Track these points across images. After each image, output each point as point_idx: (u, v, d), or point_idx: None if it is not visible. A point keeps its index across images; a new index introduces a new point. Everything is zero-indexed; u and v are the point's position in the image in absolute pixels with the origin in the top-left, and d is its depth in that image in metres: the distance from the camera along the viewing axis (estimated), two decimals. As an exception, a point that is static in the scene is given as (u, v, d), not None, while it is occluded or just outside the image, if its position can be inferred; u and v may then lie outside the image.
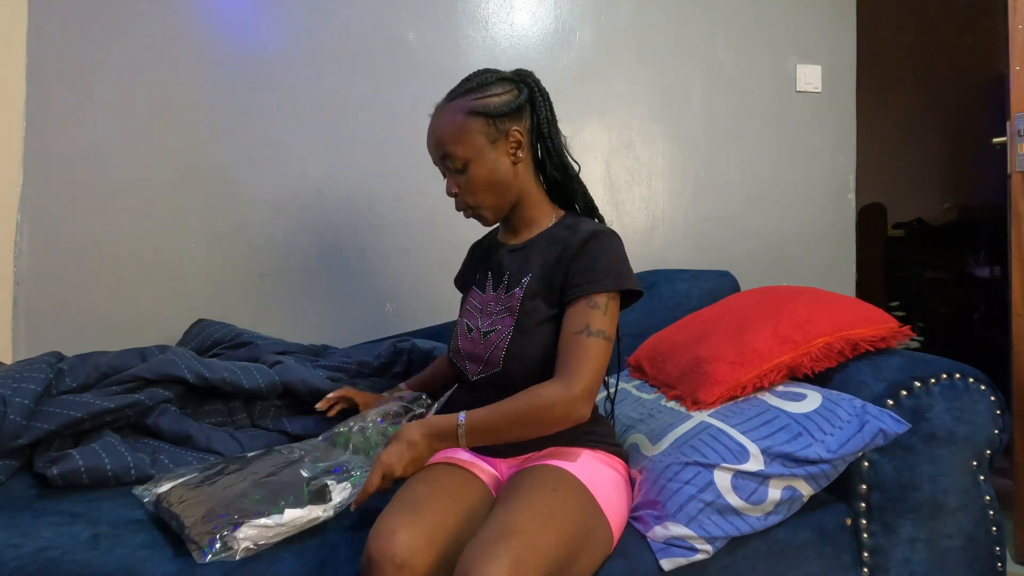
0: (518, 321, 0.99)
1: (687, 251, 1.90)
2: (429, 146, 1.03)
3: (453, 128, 0.99)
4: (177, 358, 1.23)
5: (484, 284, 1.10)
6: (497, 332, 1.01)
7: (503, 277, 1.06)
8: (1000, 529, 1.07)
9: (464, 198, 1.02)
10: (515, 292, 1.02)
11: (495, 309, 1.04)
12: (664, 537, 0.90)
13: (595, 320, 0.92)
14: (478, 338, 1.03)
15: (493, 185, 1.01)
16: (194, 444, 1.16)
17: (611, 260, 0.96)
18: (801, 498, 0.96)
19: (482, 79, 1.02)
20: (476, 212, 1.04)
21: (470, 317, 1.08)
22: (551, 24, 1.83)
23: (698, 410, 1.08)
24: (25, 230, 1.60)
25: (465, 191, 1.01)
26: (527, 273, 1.02)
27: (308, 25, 1.72)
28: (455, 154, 0.99)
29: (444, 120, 1.01)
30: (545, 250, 1.02)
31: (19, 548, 0.84)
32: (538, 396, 0.90)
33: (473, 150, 0.99)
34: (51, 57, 1.61)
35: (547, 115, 1.04)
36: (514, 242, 1.09)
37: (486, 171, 1.00)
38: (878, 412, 0.99)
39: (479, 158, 0.99)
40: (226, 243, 1.68)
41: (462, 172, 1.00)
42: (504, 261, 1.07)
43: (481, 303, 1.08)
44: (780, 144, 1.95)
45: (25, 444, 1.05)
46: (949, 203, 3.36)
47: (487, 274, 1.10)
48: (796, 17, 1.95)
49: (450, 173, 1.02)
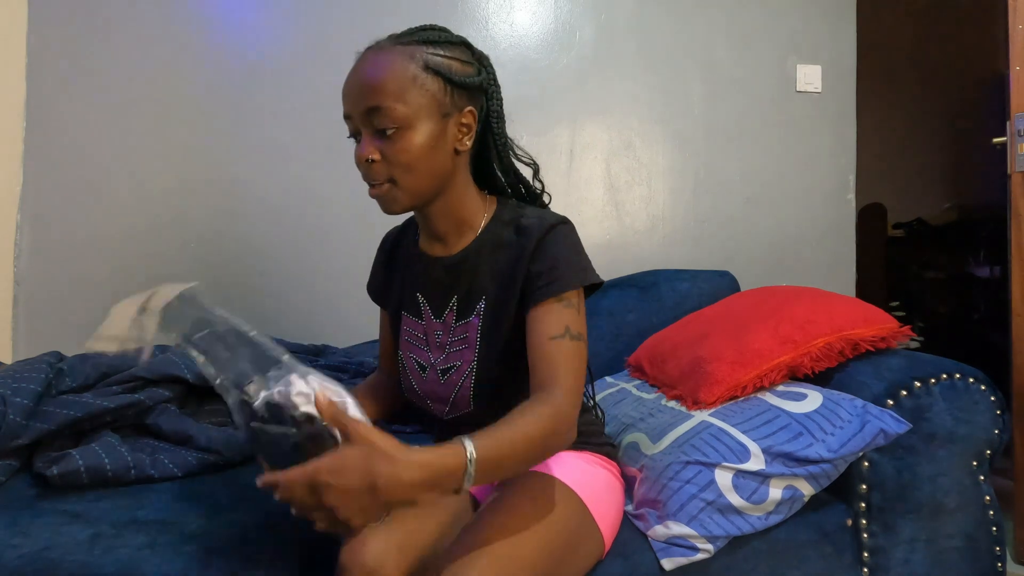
0: (481, 355, 0.85)
1: (687, 251, 1.90)
2: (350, 93, 0.80)
3: (399, 77, 0.78)
4: (177, 358, 1.23)
5: (419, 310, 0.92)
6: (457, 369, 0.87)
7: (448, 302, 0.88)
8: (1000, 529, 1.07)
9: (385, 169, 0.79)
10: (470, 321, 0.87)
11: (445, 340, 0.88)
12: (665, 536, 0.90)
13: (573, 320, 0.80)
14: (435, 377, 0.89)
15: (427, 165, 0.80)
16: (194, 444, 1.15)
17: (573, 252, 0.84)
18: (802, 498, 0.96)
19: (443, 34, 0.84)
20: (389, 193, 0.80)
21: (415, 351, 0.91)
22: (551, 24, 1.83)
23: (699, 410, 1.08)
24: (25, 230, 1.59)
25: (391, 160, 0.79)
26: (479, 294, 0.86)
27: (308, 25, 1.72)
28: (392, 110, 0.77)
29: (387, 64, 0.78)
30: (491, 259, 0.86)
31: (19, 548, 0.84)
32: (544, 415, 0.72)
33: (418, 112, 0.78)
34: (51, 57, 1.61)
35: (498, 109, 0.88)
36: (446, 253, 0.89)
37: (425, 144, 0.79)
38: (879, 412, 0.99)
39: (421, 125, 0.78)
40: (226, 243, 1.68)
41: (388, 136, 0.78)
42: (442, 281, 0.89)
43: (425, 333, 0.91)
44: (780, 144, 1.95)
45: (25, 444, 1.05)
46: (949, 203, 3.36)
47: (419, 296, 0.91)
48: (796, 17, 1.95)
49: (370, 134, 0.79)
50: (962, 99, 3.39)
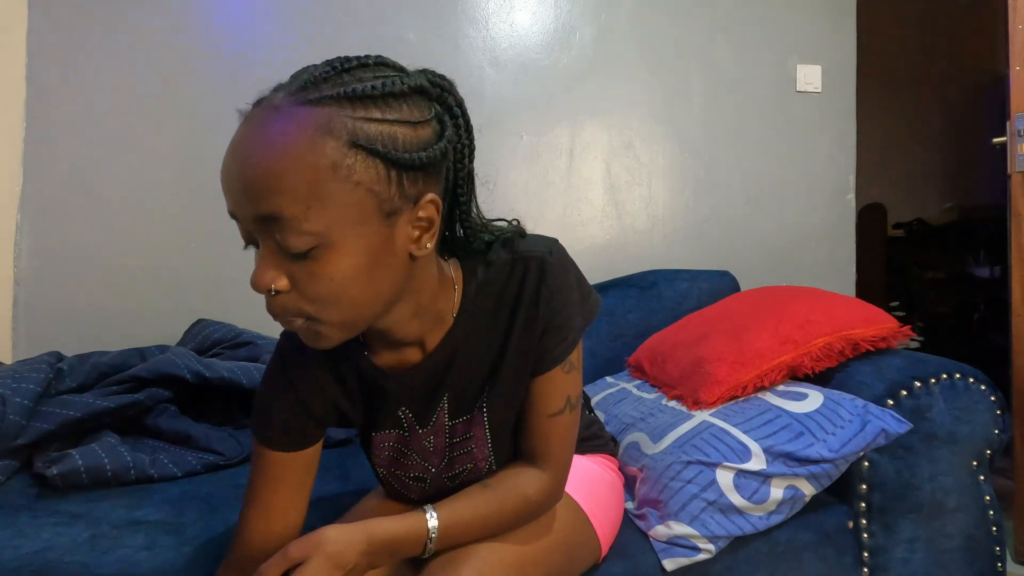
0: (496, 445, 0.74)
1: (687, 251, 1.90)
2: (231, 186, 0.54)
3: (308, 167, 0.50)
4: (177, 358, 1.23)
5: (399, 421, 0.73)
6: (472, 470, 0.75)
7: (436, 406, 0.71)
8: (1000, 529, 1.07)
9: (297, 303, 0.55)
10: (474, 416, 0.72)
11: (441, 444, 0.74)
12: (666, 536, 0.90)
13: (574, 386, 0.72)
14: (442, 483, 0.76)
15: (362, 292, 0.56)
16: (194, 444, 1.16)
17: (573, 295, 0.70)
18: (803, 498, 0.96)
19: (382, 79, 0.54)
20: (309, 330, 0.57)
21: (403, 468, 0.76)
22: (551, 24, 1.83)
23: (699, 410, 1.08)
24: (25, 230, 1.59)
25: (304, 291, 0.54)
26: (477, 383, 0.71)
27: (308, 25, 1.72)
28: (298, 223, 0.51)
29: (288, 147, 0.50)
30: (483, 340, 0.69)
31: (18, 549, 0.84)
32: (524, 495, 0.69)
33: (342, 220, 0.52)
34: (51, 57, 1.61)
35: (468, 170, 0.63)
36: (422, 356, 0.69)
37: (357, 266, 0.54)
38: (880, 412, 0.99)
39: (348, 240, 0.53)
40: (226, 243, 1.68)
41: (302, 257, 0.53)
42: (427, 385, 0.70)
43: (409, 447, 0.75)
44: (780, 144, 1.95)
45: (25, 444, 1.05)
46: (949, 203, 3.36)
47: (398, 412, 0.72)
48: (796, 17, 1.95)
49: (271, 248, 0.53)
50: (962, 99, 3.39)
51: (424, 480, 0.77)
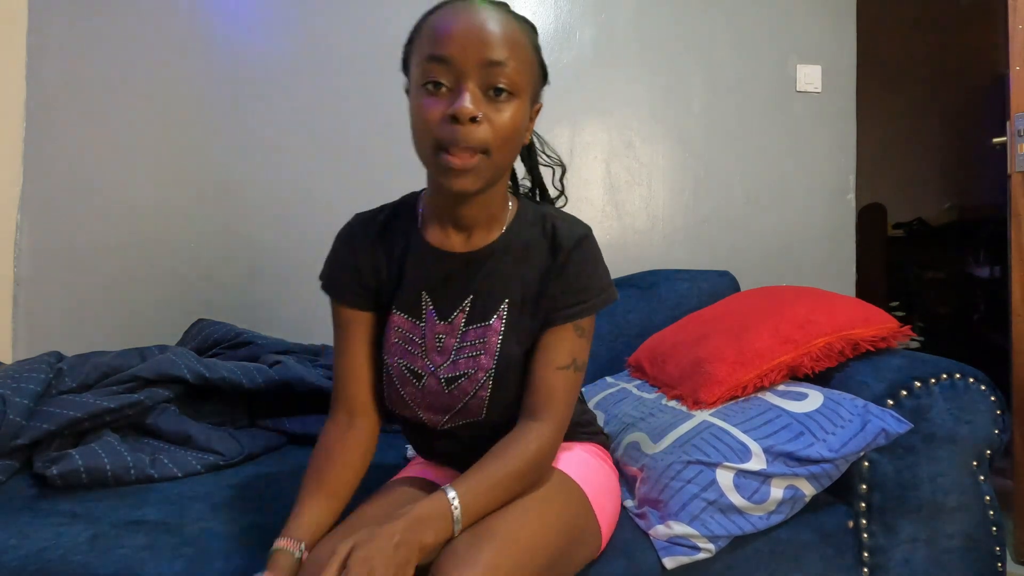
0: (501, 362, 0.79)
1: (687, 251, 1.90)
2: (469, 37, 0.69)
3: (525, 44, 0.73)
4: (177, 358, 1.23)
5: (420, 310, 0.81)
6: (469, 378, 0.80)
7: (460, 303, 0.80)
8: (1000, 529, 1.07)
9: (486, 134, 0.69)
10: (489, 324, 0.80)
11: (450, 344, 0.80)
12: (667, 536, 0.90)
13: (581, 351, 0.80)
14: (437, 387, 0.81)
15: (516, 144, 0.74)
16: (194, 444, 1.16)
17: (598, 272, 0.81)
18: (803, 498, 0.96)
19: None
20: (478, 165, 0.71)
21: (405, 357, 0.82)
22: (551, 24, 1.83)
23: (699, 410, 1.08)
24: (25, 230, 1.60)
25: (495, 126, 0.70)
26: (501, 296, 0.80)
27: (307, 25, 1.72)
28: (515, 72, 0.70)
29: (516, 26, 0.72)
30: (518, 261, 0.81)
31: (18, 549, 0.84)
32: (529, 451, 0.75)
33: (526, 86, 0.73)
34: (51, 57, 1.61)
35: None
36: (466, 248, 0.81)
37: (523, 121, 0.73)
38: (880, 412, 0.99)
39: (524, 101, 0.73)
40: (226, 243, 1.68)
41: (499, 100, 0.70)
42: (456, 278, 0.80)
43: (422, 337, 0.81)
44: (780, 144, 1.95)
45: (25, 444, 1.04)
46: (949, 203, 3.36)
47: (423, 295, 0.81)
48: (796, 17, 1.95)
49: (478, 91, 0.69)
50: (962, 99, 3.39)
51: (419, 377, 0.81)
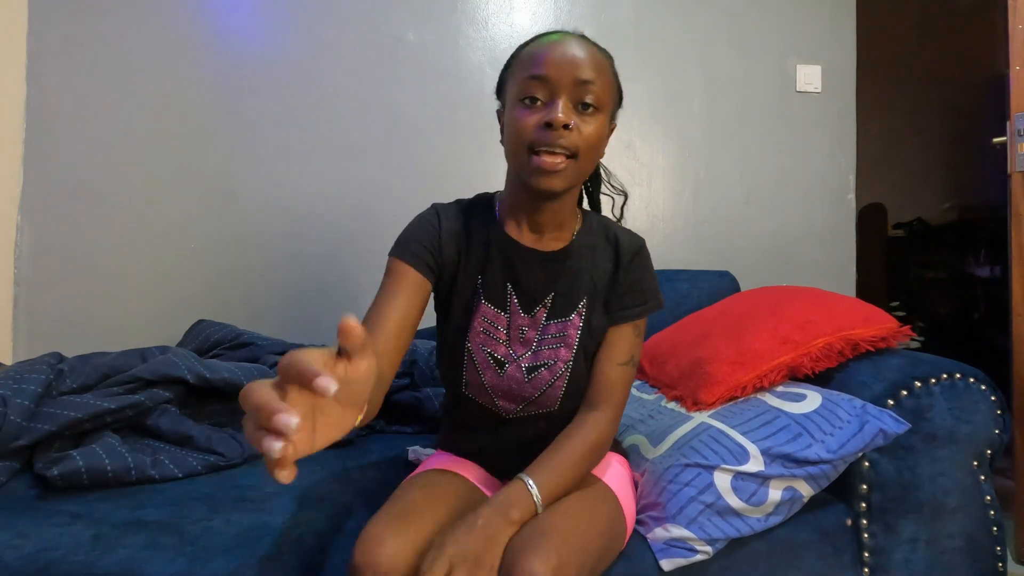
0: (578, 355, 0.88)
1: (687, 251, 1.90)
2: (565, 60, 0.81)
3: (608, 68, 0.86)
4: (177, 359, 1.23)
5: (505, 302, 0.89)
6: (549, 369, 0.88)
7: (542, 299, 0.89)
8: (1001, 529, 1.07)
9: (575, 140, 0.81)
10: (570, 319, 0.89)
11: (532, 336, 0.89)
12: (664, 538, 0.90)
13: (637, 349, 0.90)
14: (518, 375, 0.88)
15: (597, 154, 0.86)
16: (195, 445, 1.16)
17: (653, 278, 0.92)
18: (801, 499, 0.96)
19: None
20: (566, 167, 0.81)
21: (491, 345, 0.89)
22: (551, 24, 1.83)
23: (698, 410, 1.08)
24: (25, 231, 1.60)
25: (582, 134, 0.81)
26: (579, 294, 0.90)
27: (308, 25, 1.72)
28: (601, 90, 0.82)
29: (602, 54, 0.86)
30: (590, 262, 0.91)
31: (20, 549, 0.84)
32: (591, 438, 0.85)
33: (608, 103, 0.85)
34: (51, 58, 1.61)
35: None
36: (544, 248, 0.90)
37: (603, 134, 0.85)
38: (878, 412, 0.99)
39: (604, 117, 0.84)
40: (226, 243, 1.68)
41: (586, 113, 0.82)
42: (539, 275, 0.89)
43: (507, 327, 0.89)
44: (780, 144, 1.95)
45: (25, 445, 1.05)
46: (949, 203, 3.36)
47: (507, 286, 0.89)
48: (796, 17, 1.95)
49: (569, 105, 0.81)
50: (962, 99, 3.39)
51: (502, 365, 0.88)
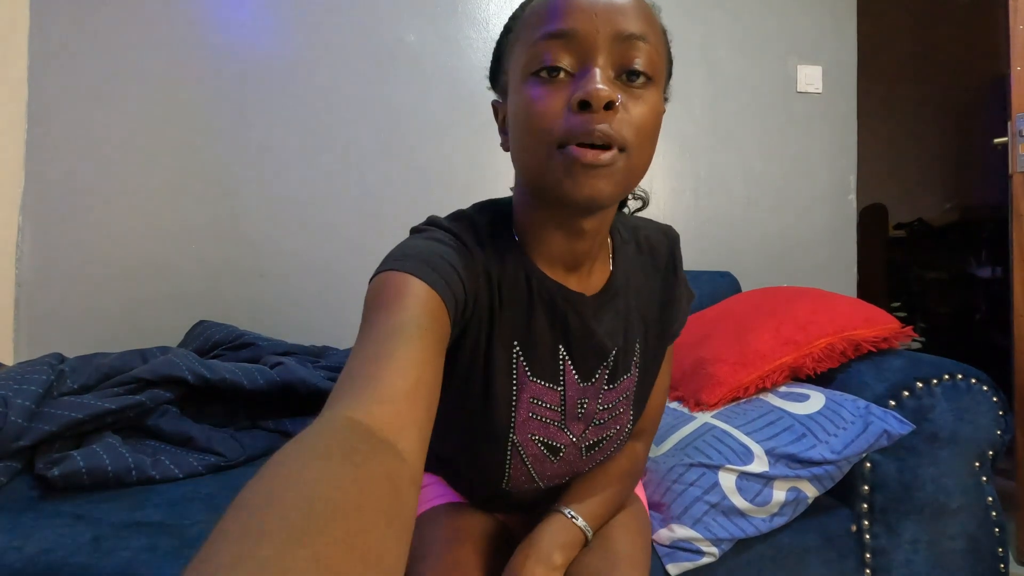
0: (635, 414, 0.72)
1: (687, 251, 1.89)
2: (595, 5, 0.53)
3: (655, 22, 0.57)
4: (178, 359, 1.23)
5: (556, 372, 0.65)
6: (610, 439, 0.70)
7: (603, 361, 0.66)
8: (1003, 530, 1.07)
9: (622, 127, 0.52)
10: (631, 373, 0.69)
11: (592, 409, 0.67)
12: (669, 540, 0.90)
13: (672, 363, 0.80)
14: (575, 457, 0.69)
15: (652, 149, 0.57)
16: (195, 445, 1.15)
17: (683, 270, 0.75)
18: (806, 499, 0.96)
19: None
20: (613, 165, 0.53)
21: (543, 431, 0.66)
22: (552, 25, 1.82)
23: (701, 411, 1.08)
24: (27, 232, 1.60)
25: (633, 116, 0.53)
26: (634, 342, 0.68)
27: (308, 26, 1.72)
28: (654, 51, 0.55)
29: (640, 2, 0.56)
30: (636, 292, 0.69)
31: (20, 550, 0.84)
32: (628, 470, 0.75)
33: (661, 75, 0.58)
34: (53, 59, 1.61)
35: None
36: (589, 290, 0.65)
37: (658, 120, 0.56)
38: (882, 413, 0.98)
39: (658, 95, 0.57)
40: (226, 243, 1.68)
41: (634, 86, 0.54)
42: (593, 329, 0.64)
43: (563, 403, 0.66)
44: (781, 145, 1.95)
45: (26, 445, 1.04)
46: (950, 204, 3.36)
47: (559, 351, 0.64)
48: (796, 17, 1.95)
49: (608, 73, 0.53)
50: (963, 99, 3.39)
51: (556, 452, 0.67)
